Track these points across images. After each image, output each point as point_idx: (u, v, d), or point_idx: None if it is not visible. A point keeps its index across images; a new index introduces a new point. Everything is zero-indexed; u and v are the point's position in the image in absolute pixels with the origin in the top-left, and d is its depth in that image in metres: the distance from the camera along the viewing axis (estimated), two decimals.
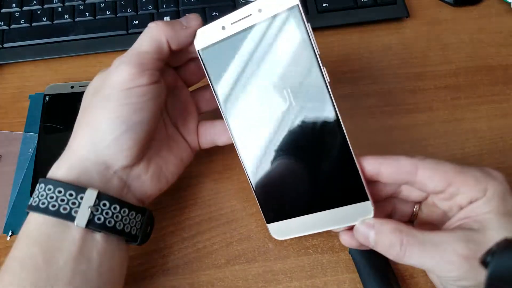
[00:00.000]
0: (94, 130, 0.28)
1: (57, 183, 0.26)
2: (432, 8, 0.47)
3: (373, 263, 0.32)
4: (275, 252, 0.34)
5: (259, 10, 0.29)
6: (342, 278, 0.32)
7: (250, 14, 0.29)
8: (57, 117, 0.39)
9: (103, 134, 0.27)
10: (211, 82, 0.31)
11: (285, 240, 0.34)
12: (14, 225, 0.35)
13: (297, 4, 0.28)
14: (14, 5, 0.44)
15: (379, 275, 0.31)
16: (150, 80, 0.28)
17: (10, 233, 0.34)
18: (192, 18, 0.30)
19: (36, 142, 0.38)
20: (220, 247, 0.34)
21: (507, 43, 0.44)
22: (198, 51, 0.31)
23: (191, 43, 0.30)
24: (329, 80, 0.28)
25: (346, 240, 0.30)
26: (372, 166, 0.28)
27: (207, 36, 0.30)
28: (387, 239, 0.26)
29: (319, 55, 0.28)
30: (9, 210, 0.35)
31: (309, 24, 0.28)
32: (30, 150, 0.38)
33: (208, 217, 0.35)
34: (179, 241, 0.34)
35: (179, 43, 0.30)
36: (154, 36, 0.29)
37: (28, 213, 0.27)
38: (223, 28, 0.30)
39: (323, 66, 0.28)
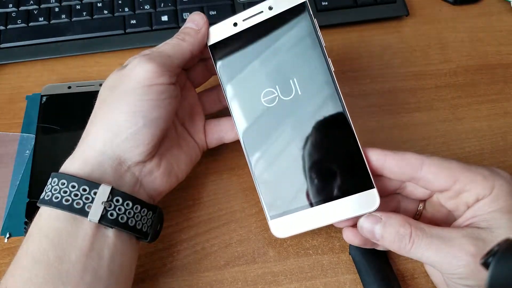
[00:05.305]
0: (111, 124, 0.28)
1: (71, 177, 0.26)
2: (432, 6, 0.46)
3: (373, 264, 0.31)
4: (275, 253, 0.33)
5: (270, 8, 0.31)
6: (342, 279, 0.32)
7: (261, 11, 0.31)
8: (54, 117, 0.39)
9: (121, 128, 0.28)
10: (220, 76, 0.32)
11: (285, 241, 0.34)
12: (11, 227, 0.34)
13: (305, 1, 0.31)
14: (10, 5, 0.44)
15: (380, 276, 0.31)
16: (169, 81, 0.29)
17: (7, 235, 0.34)
18: (199, 18, 0.32)
19: (33, 143, 0.38)
20: (219, 248, 0.34)
21: (507, 42, 0.44)
22: (209, 47, 0.32)
23: (206, 44, 0.32)
24: (334, 70, 0.30)
25: (349, 236, 0.30)
26: (377, 157, 0.28)
27: (218, 32, 0.32)
28: (395, 231, 0.26)
29: (324, 46, 0.30)
30: (6, 212, 0.35)
31: (315, 19, 0.30)
32: (27, 151, 0.38)
33: (207, 218, 0.35)
34: (178, 243, 0.34)
35: (199, 48, 0.32)
36: (182, 47, 0.30)
37: (38, 207, 0.27)
38: (235, 24, 0.32)
39: (328, 58, 0.30)
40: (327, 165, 0.29)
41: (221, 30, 0.32)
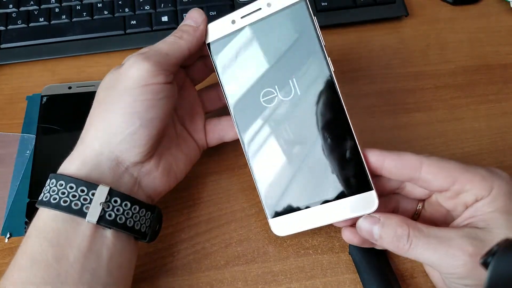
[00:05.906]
0: (108, 124, 0.28)
1: (69, 178, 0.26)
2: (431, 7, 0.47)
3: (373, 264, 0.31)
4: (275, 253, 0.33)
5: (268, 5, 0.30)
6: (342, 279, 0.32)
7: (260, 8, 0.31)
8: (54, 118, 0.39)
9: (117, 129, 0.27)
10: (218, 75, 0.32)
11: (285, 241, 0.34)
12: (12, 227, 0.34)
13: None
14: (11, 6, 0.44)
15: (379, 276, 0.31)
16: (165, 80, 0.29)
17: (8, 235, 0.34)
18: (197, 16, 0.31)
19: (33, 143, 0.38)
20: (219, 248, 0.34)
21: (506, 42, 0.44)
22: (207, 44, 0.32)
23: (204, 42, 0.32)
24: (333, 70, 0.30)
25: (348, 236, 0.30)
26: (376, 158, 0.28)
27: (217, 30, 0.32)
28: (393, 232, 0.26)
29: (324, 46, 0.30)
30: (7, 212, 0.35)
31: (315, 17, 0.30)
32: (28, 152, 0.38)
33: (207, 218, 0.35)
34: (178, 243, 0.34)
35: (197, 46, 0.31)
36: (179, 45, 0.30)
37: (37, 208, 0.27)
38: (233, 22, 0.31)
39: (328, 57, 0.30)
40: (327, 165, 0.29)
41: (220, 28, 0.31)
